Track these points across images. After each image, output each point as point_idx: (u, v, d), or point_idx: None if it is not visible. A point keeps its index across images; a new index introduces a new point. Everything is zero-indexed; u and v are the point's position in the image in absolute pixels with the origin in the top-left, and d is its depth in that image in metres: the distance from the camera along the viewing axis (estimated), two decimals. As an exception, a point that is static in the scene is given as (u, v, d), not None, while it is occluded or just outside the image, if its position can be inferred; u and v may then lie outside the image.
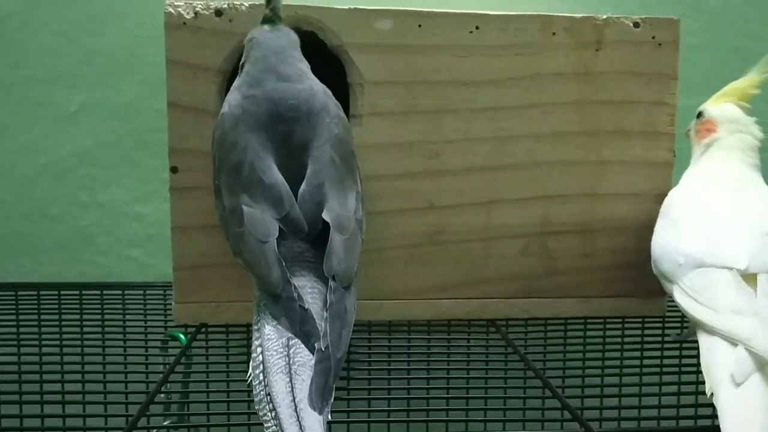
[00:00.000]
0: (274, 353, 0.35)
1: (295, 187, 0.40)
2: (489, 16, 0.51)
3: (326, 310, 0.36)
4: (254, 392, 0.35)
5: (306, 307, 0.36)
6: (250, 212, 0.39)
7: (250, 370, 0.36)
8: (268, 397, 0.34)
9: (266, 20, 0.45)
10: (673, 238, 0.45)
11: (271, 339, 0.36)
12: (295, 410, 0.32)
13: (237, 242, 0.40)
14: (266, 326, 0.37)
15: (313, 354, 0.35)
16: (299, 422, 0.32)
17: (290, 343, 0.36)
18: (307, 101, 0.43)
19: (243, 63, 0.45)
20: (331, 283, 0.38)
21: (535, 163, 0.53)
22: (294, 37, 0.46)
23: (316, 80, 0.45)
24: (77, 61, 0.68)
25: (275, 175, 0.40)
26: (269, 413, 0.33)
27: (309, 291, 0.38)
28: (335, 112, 0.44)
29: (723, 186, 0.47)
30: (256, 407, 0.34)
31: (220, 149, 0.42)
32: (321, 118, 0.42)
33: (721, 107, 0.51)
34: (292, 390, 0.33)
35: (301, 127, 0.42)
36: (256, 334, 0.38)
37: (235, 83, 0.45)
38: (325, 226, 0.40)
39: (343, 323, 0.36)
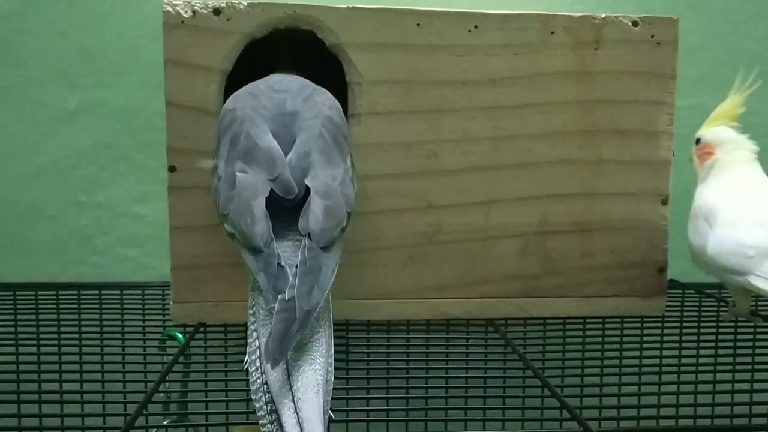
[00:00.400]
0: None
1: (285, 154, 0.41)
2: (488, 15, 0.51)
3: (296, 267, 0.36)
4: (251, 380, 0.34)
5: (282, 264, 0.36)
6: (243, 176, 0.40)
7: (247, 356, 0.36)
8: (266, 386, 0.33)
9: None
10: (734, 235, 0.49)
11: (266, 325, 0.36)
12: (293, 400, 0.32)
13: (227, 204, 0.40)
14: (261, 311, 0.37)
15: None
16: (296, 413, 0.31)
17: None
18: (300, 83, 0.46)
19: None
20: (306, 241, 0.37)
21: (533, 163, 0.53)
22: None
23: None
24: (75, 61, 0.68)
25: (270, 141, 0.42)
26: (266, 405, 0.33)
27: (290, 252, 0.38)
28: (329, 98, 0.46)
29: (749, 188, 0.52)
30: (253, 396, 0.33)
31: (221, 124, 0.44)
32: (312, 96, 0.45)
33: (714, 131, 0.55)
34: (289, 378, 0.33)
35: (293, 97, 0.44)
36: (251, 319, 0.37)
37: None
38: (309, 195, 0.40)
39: (316, 280, 0.36)
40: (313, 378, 0.33)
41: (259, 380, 0.34)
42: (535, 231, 0.53)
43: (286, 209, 0.40)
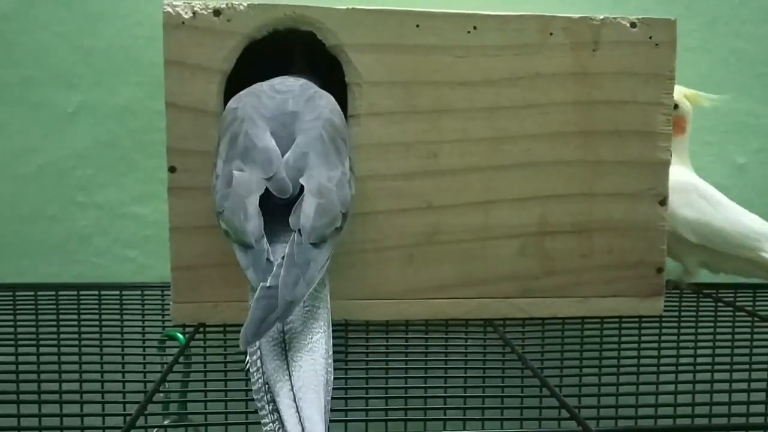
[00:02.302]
0: (270, 339, 0.35)
1: (284, 154, 0.42)
2: (487, 17, 0.51)
3: (282, 258, 0.36)
4: (252, 380, 0.34)
5: (271, 260, 0.37)
6: (240, 175, 0.41)
7: (248, 357, 0.36)
8: (267, 386, 0.33)
9: None
10: (741, 218, 0.60)
11: None
12: (294, 400, 0.32)
13: (222, 201, 0.41)
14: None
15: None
16: (298, 413, 0.31)
17: (285, 328, 0.35)
18: (303, 85, 0.46)
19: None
20: (294, 235, 0.38)
21: (532, 163, 0.53)
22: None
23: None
24: (75, 62, 0.68)
25: (268, 140, 0.42)
26: (267, 405, 0.33)
27: (281, 250, 0.38)
28: (331, 101, 0.46)
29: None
30: (255, 396, 0.33)
31: (223, 123, 0.44)
32: (314, 98, 0.45)
33: (689, 107, 0.61)
34: (290, 378, 0.33)
35: (295, 98, 0.44)
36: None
37: None
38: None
39: (302, 273, 0.36)
40: (314, 378, 0.33)
41: (260, 380, 0.34)
42: (533, 231, 0.53)
43: (281, 208, 0.40)
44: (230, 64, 0.49)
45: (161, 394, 0.49)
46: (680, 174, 0.60)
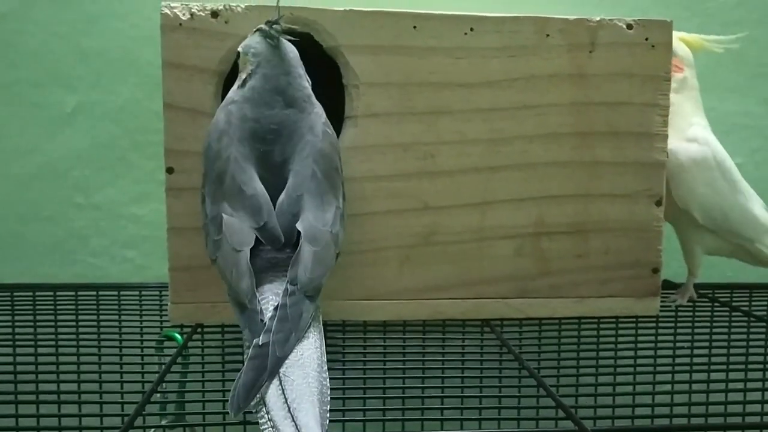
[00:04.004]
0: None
1: (274, 199, 0.41)
2: (484, 18, 0.52)
3: (276, 310, 0.37)
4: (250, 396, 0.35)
5: (265, 320, 0.37)
6: (230, 221, 0.40)
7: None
8: (263, 401, 0.34)
9: (266, 35, 0.44)
10: (748, 205, 0.58)
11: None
12: (289, 411, 0.32)
13: (214, 250, 0.41)
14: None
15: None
16: (294, 422, 0.32)
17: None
18: (291, 125, 0.43)
19: (246, 74, 0.44)
20: (288, 286, 0.38)
21: (529, 164, 0.53)
22: (296, 54, 0.46)
23: (317, 105, 0.45)
24: (73, 63, 0.68)
25: (256, 186, 0.41)
26: (266, 414, 0.33)
27: (274, 300, 0.38)
28: (322, 130, 0.44)
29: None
30: (254, 410, 0.34)
31: (206, 159, 0.44)
32: (302, 136, 0.43)
33: (685, 50, 0.59)
34: (283, 392, 0.33)
35: (281, 146, 0.43)
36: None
37: (236, 94, 0.44)
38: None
39: (294, 327, 0.36)
40: (307, 390, 0.34)
41: (258, 395, 0.34)
42: (530, 232, 0.53)
43: (274, 251, 0.40)
44: (227, 65, 0.50)
45: (159, 395, 0.49)
46: (701, 140, 0.57)
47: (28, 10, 0.67)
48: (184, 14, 0.49)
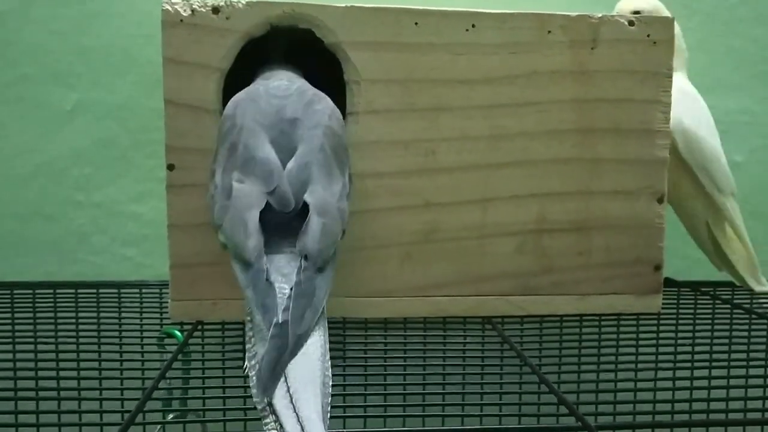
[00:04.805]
0: (266, 343, 0.35)
1: (284, 164, 0.41)
2: (485, 15, 0.51)
3: (292, 289, 0.36)
4: (251, 384, 0.34)
5: (271, 281, 0.36)
6: (240, 187, 0.40)
7: (246, 362, 0.36)
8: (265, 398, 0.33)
9: None
10: (724, 160, 0.60)
11: (263, 330, 0.36)
12: (291, 401, 0.32)
13: (222, 214, 0.40)
14: (256, 316, 0.36)
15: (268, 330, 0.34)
16: (296, 413, 0.31)
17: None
18: (299, 87, 0.45)
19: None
20: (302, 262, 0.37)
21: (530, 161, 0.53)
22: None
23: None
24: (72, 60, 0.68)
25: (268, 151, 0.41)
26: (267, 406, 0.33)
27: (282, 267, 0.38)
28: (331, 107, 0.45)
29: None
30: (254, 399, 0.34)
31: (221, 130, 0.44)
32: (312, 103, 0.44)
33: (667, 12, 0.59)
34: (286, 380, 0.33)
35: (292, 102, 0.43)
36: (248, 325, 0.38)
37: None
38: (307, 208, 0.40)
39: (309, 303, 0.36)
40: (310, 380, 0.34)
41: (258, 388, 0.34)
42: (531, 229, 0.53)
43: (282, 221, 0.39)
44: (229, 61, 0.49)
45: (160, 392, 0.48)
46: (685, 86, 0.61)
47: (27, 8, 0.67)
48: (185, 10, 0.49)
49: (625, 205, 0.54)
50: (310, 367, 0.34)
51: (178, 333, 0.52)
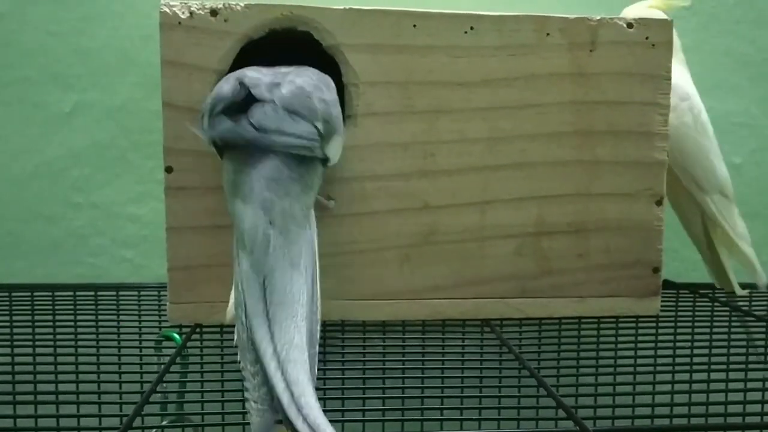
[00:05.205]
0: (253, 293, 0.34)
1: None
2: (484, 17, 0.51)
3: None
4: (236, 338, 0.33)
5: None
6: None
7: (231, 308, 0.35)
8: (251, 343, 0.32)
9: None
10: (710, 154, 0.60)
11: (249, 278, 0.35)
12: (278, 361, 0.31)
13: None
14: (243, 262, 0.36)
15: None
16: (284, 377, 0.30)
17: (266, 282, 0.35)
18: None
19: None
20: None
21: (529, 163, 0.53)
22: None
23: None
24: (71, 62, 0.68)
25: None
26: (250, 367, 0.32)
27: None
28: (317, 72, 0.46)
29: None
30: (239, 356, 0.33)
31: None
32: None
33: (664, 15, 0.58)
34: (272, 339, 0.32)
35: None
36: (236, 270, 0.37)
37: None
38: None
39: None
40: (296, 333, 0.32)
41: (244, 335, 0.33)
42: (530, 231, 0.53)
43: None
44: (227, 64, 0.49)
45: (158, 395, 0.48)
46: (681, 80, 0.60)
47: (26, 10, 0.67)
48: (183, 13, 0.49)
49: (623, 207, 0.54)
50: (294, 319, 0.33)
51: (176, 336, 0.52)
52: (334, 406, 0.40)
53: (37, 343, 0.51)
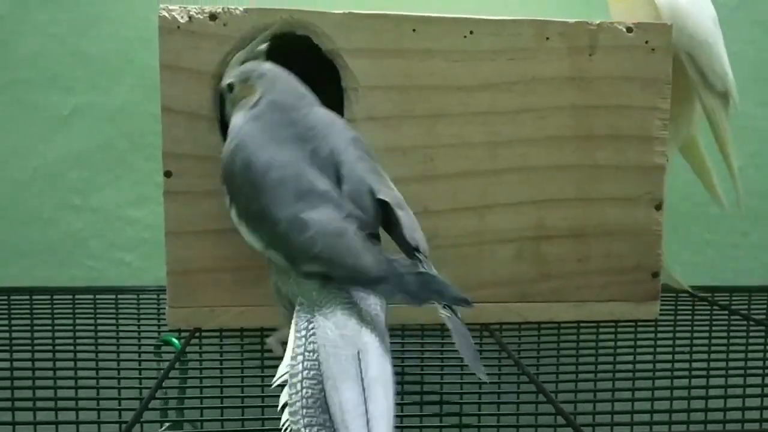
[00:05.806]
0: (342, 361, 0.33)
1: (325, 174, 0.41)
2: (483, 21, 0.51)
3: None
4: (291, 401, 0.32)
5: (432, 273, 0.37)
6: (312, 215, 0.38)
7: (285, 375, 0.34)
8: (325, 405, 0.32)
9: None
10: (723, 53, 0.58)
11: (338, 347, 0.34)
12: (367, 425, 0.31)
13: (310, 247, 0.37)
14: (329, 333, 0.35)
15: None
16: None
17: (360, 355, 0.34)
18: (321, 119, 0.44)
19: (257, 98, 0.44)
20: (420, 256, 0.39)
21: (528, 168, 0.53)
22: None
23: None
24: (70, 65, 0.67)
25: (325, 182, 0.40)
26: (322, 424, 0.31)
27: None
28: (344, 121, 0.45)
29: None
30: (292, 418, 0.31)
31: (251, 171, 0.41)
32: (335, 127, 0.43)
33: None
34: (365, 402, 0.31)
35: (324, 140, 0.42)
36: (305, 338, 0.35)
37: (249, 117, 0.44)
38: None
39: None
40: (386, 405, 0.32)
41: (310, 399, 0.32)
42: (530, 236, 0.53)
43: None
44: (226, 68, 0.49)
45: (157, 400, 0.48)
46: None
47: (25, 12, 0.67)
48: (182, 17, 0.49)
49: (623, 211, 0.54)
50: (387, 392, 0.33)
51: (175, 341, 0.52)
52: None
53: (35, 347, 0.51)
